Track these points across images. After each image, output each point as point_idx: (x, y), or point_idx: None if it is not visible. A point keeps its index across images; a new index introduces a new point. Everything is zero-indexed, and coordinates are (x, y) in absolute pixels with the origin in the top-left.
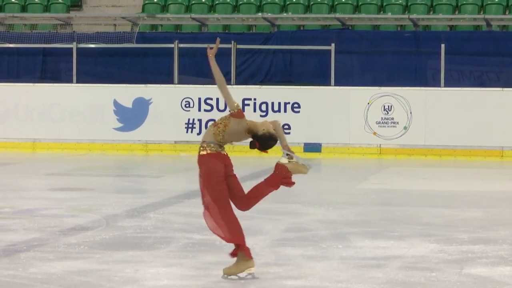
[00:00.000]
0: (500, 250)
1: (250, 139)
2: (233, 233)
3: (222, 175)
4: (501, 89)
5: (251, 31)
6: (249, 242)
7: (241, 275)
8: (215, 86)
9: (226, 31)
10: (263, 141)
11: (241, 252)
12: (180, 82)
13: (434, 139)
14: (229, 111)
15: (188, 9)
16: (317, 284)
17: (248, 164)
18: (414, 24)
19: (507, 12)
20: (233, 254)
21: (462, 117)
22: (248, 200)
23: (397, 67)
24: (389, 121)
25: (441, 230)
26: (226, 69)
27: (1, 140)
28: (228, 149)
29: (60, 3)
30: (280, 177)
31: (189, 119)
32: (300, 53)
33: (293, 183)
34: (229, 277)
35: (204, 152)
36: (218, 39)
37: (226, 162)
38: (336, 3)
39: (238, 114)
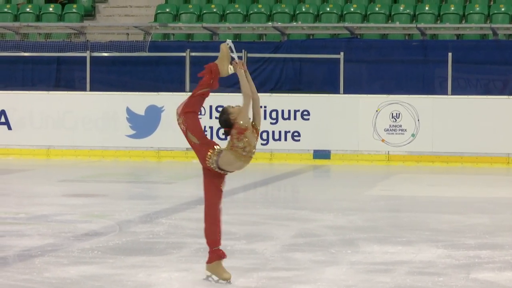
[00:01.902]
0: (506, 256)
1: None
2: None
3: None
4: (507, 97)
5: (261, 40)
6: (259, 247)
7: (215, 278)
8: (226, 94)
9: (237, 40)
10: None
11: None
12: (192, 90)
13: (442, 146)
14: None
15: (199, 18)
16: None
17: (257, 171)
18: (422, 33)
19: None
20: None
21: (469, 125)
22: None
23: (405, 75)
24: (397, 129)
25: (448, 236)
26: (237, 77)
27: (16, 147)
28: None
29: (74, 12)
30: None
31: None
32: (309, 61)
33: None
34: (209, 277)
35: None
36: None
37: None
38: (345, 12)
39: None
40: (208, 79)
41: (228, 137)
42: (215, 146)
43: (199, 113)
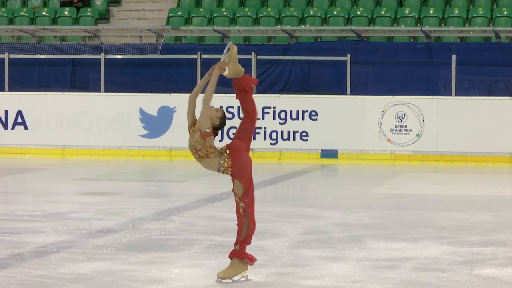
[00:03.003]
0: (509, 252)
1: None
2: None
3: None
4: (509, 98)
5: (270, 43)
6: (268, 244)
7: (235, 278)
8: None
9: (247, 42)
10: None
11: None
12: (203, 91)
13: (446, 146)
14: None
15: (210, 21)
16: (334, 284)
17: (266, 170)
18: (427, 36)
19: None
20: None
21: (473, 125)
22: None
23: (410, 77)
24: (403, 129)
25: (453, 233)
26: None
27: (32, 147)
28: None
29: (88, 16)
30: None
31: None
32: (317, 63)
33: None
34: (223, 281)
35: None
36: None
37: None
38: (352, 15)
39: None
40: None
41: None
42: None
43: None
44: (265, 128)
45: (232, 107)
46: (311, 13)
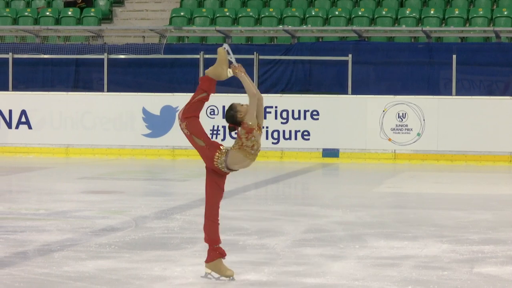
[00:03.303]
0: (509, 250)
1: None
2: None
3: None
4: (509, 98)
5: (272, 43)
6: (270, 242)
7: (215, 275)
8: (238, 95)
9: (249, 42)
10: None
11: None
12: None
13: (446, 145)
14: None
15: (213, 21)
16: (335, 282)
17: (268, 169)
18: (427, 36)
19: None
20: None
21: (473, 124)
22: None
23: (411, 77)
24: (403, 128)
25: (453, 231)
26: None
27: (36, 146)
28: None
29: (92, 16)
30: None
31: (213, 126)
32: (319, 63)
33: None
34: (208, 274)
35: None
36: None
37: None
38: (353, 16)
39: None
40: (207, 85)
41: (236, 137)
42: (221, 147)
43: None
44: (267, 127)
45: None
46: (313, 13)
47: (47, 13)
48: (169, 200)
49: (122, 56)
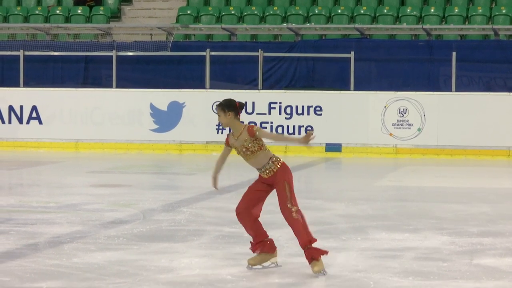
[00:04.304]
0: (507, 243)
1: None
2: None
3: None
4: (508, 94)
5: (277, 40)
6: (274, 235)
7: (265, 264)
8: (244, 91)
9: (254, 40)
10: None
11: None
12: (211, 87)
13: (446, 140)
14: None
15: (219, 19)
16: (338, 273)
17: None
18: (428, 33)
19: None
20: (254, 249)
21: (472, 120)
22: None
23: (411, 73)
24: (404, 123)
25: (453, 224)
26: (254, 75)
27: (47, 141)
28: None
29: (101, 14)
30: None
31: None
32: (322, 60)
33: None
34: (253, 267)
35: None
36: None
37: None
38: (355, 14)
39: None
40: None
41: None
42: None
43: None
44: (271, 122)
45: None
46: (316, 11)
47: (57, 12)
48: (176, 194)
49: (130, 53)
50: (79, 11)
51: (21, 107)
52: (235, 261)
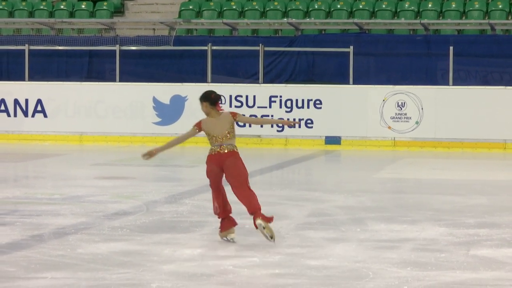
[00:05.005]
0: (503, 234)
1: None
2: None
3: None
4: (504, 87)
5: (277, 35)
6: (275, 226)
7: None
8: (245, 84)
9: (255, 34)
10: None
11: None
12: (213, 81)
13: (443, 133)
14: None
15: (220, 14)
16: (337, 264)
17: (273, 156)
18: (425, 28)
19: (510, 18)
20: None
21: (469, 113)
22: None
23: (409, 68)
24: (403, 117)
25: (450, 215)
26: (255, 69)
27: (51, 134)
28: (255, 141)
29: (104, 9)
30: None
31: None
32: (321, 54)
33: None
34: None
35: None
36: None
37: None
38: (354, 9)
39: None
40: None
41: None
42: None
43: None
44: (272, 116)
45: (241, 96)
46: (316, 6)
47: (62, 7)
48: (179, 186)
49: (134, 48)
50: (83, 6)
51: (26, 100)
52: (236, 251)
